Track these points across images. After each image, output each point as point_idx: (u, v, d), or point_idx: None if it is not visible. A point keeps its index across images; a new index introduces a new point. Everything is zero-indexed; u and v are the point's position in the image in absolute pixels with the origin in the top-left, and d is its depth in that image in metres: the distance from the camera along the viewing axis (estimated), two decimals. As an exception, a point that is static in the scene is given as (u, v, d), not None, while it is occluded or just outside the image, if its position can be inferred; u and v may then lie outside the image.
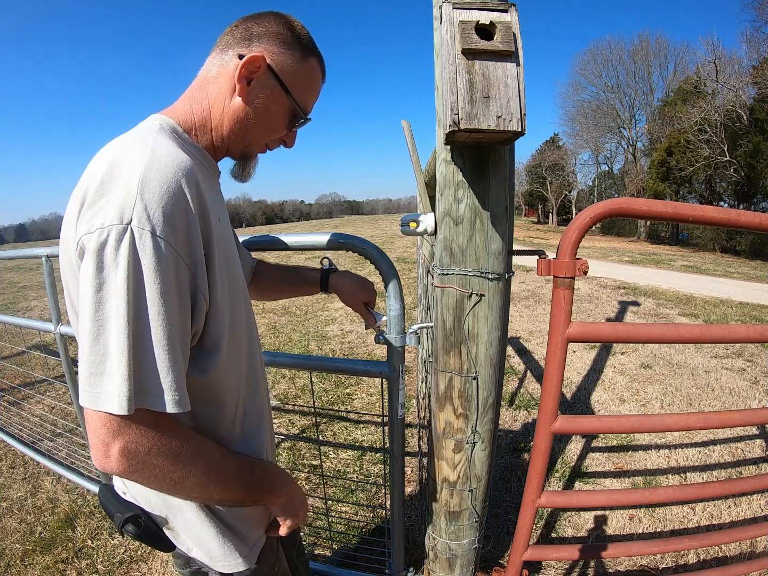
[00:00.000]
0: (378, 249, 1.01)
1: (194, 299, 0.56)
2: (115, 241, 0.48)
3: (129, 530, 0.65)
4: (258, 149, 0.73)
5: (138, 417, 0.51)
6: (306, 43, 0.68)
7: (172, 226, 0.51)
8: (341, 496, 1.96)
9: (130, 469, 0.52)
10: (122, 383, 0.48)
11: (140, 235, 0.48)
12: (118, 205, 0.49)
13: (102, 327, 0.49)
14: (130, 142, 0.57)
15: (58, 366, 3.31)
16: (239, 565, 0.70)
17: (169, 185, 0.52)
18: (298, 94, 0.69)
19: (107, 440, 0.50)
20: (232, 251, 0.68)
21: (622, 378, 3.20)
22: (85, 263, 0.49)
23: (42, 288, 7.13)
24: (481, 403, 0.99)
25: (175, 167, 0.54)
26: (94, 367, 0.49)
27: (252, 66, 0.63)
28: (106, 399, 0.49)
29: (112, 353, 0.49)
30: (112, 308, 0.48)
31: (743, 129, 19.25)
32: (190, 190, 0.54)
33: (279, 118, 0.69)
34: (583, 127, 32.23)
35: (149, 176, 0.51)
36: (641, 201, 0.86)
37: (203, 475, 0.58)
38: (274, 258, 6.10)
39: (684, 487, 1.15)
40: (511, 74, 0.70)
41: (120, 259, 0.48)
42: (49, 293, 1.74)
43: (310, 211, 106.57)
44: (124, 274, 0.48)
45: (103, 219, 0.49)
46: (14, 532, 1.75)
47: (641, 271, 8.18)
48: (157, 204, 0.50)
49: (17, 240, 77.35)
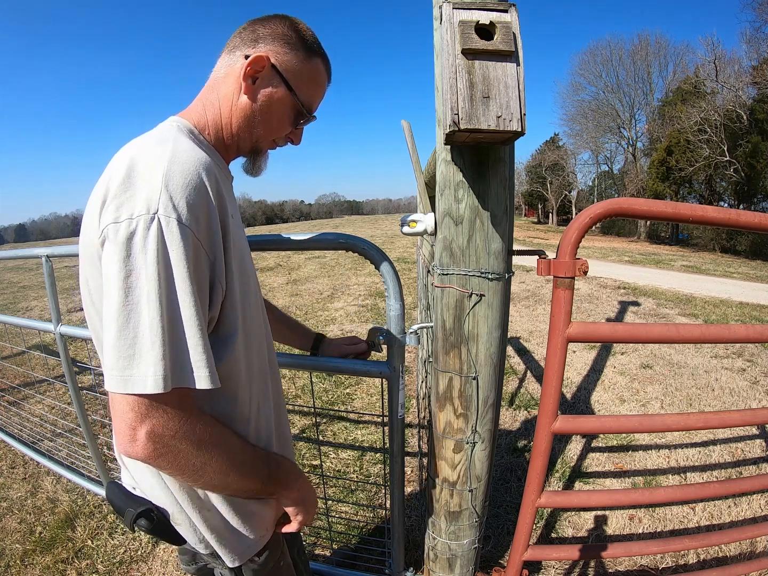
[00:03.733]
0: (378, 249, 1.01)
1: (212, 286, 0.58)
2: (144, 229, 0.50)
3: (142, 525, 0.66)
4: (266, 145, 0.75)
5: (166, 399, 0.52)
6: (310, 44, 0.70)
7: (195, 216, 0.53)
8: (341, 496, 1.96)
9: (156, 453, 0.53)
10: (157, 363, 0.50)
11: (167, 223, 0.51)
12: (145, 196, 0.51)
13: (132, 311, 0.50)
14: (152, 141, 0.60)
15: (58, 366, 3.31)
16: (247, 555, 0.72)
17: (192, 178, 0.55)
18: (302, 93, 0.71)
19: (134, 424, 0.51)
20: (246, 247, 0.71)
21: (622, 378, 3.20)
22: (111, 252, 0.51)
23: (42, 288, 7.13)
24: (481, 403, 0.99)
25: (196, 162, 0.57)
26: (125, 350, 0.50)
27: (257, 65, 0.66)
28: (139, 380, 0.50)
29: (144, 335, 0.50)
30: (142, 292, 0.50)
31: (743, 129, 19.24)
32: (210, 183, 0.57)
33: (284, 115, 0.72)
34: (583, 127, 32.25)
35: (173, 170, 0.54)
36: (641, 201, 0.86)
37: (223, 463, 0.59)
38: (274, 258, 6.11)
39: (684, 487, 1.15)
40: (511, 74, 0.70)
41: (149, 246, 0.50)
42: (49, 293, 1.73)
43: (310, 211, 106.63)
44: (153, 259, 0.50)
45: (131, 209, 0.51)
46: (14, 532, 1.75)
47: (641, 271, 8.18)
48: (181, 194, 0.52)
49: (17, 240, 77.42)
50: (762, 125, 18.40)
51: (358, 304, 5.40)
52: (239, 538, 0.71)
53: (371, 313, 5.00)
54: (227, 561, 0.72)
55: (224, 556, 0.71)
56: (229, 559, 0.71)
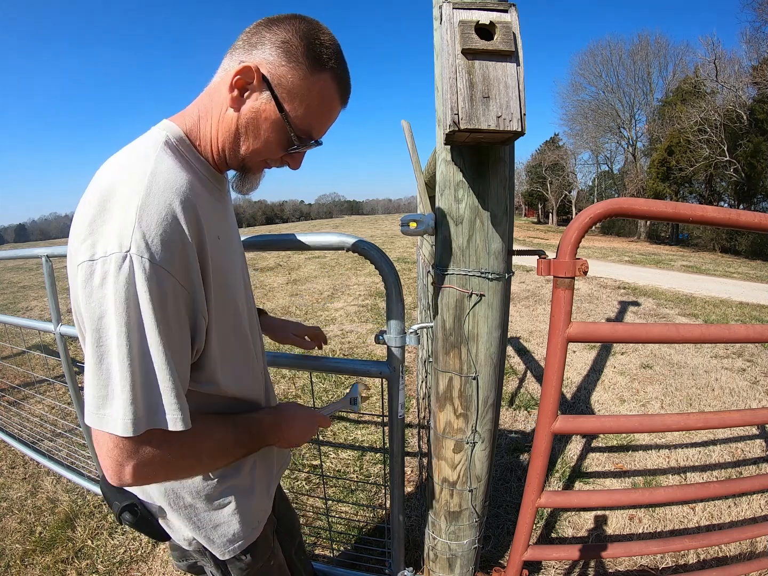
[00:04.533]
0: (378, 249, 1.01)
1: (194, 320, 0.57)
2: (116, 270, 0.49)
3: (126, 518, 0.69)
4: (256, 166, 0.67)
5: (148, 436, 0.53)
6: (319, 56, 0.59)
7: (169, 252, 0.52)
8: (341, 496, 1.96)
9: (146, 481, 0.56)
10: (127, 407, 0.50)
11: (139, 263, 0.49)
12: (117, 233, 0.50)
13: (105, 353, 0.50)
14: (134, 160, 0.57)
15: (58, 366, 3.31)
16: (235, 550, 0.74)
17: (167, 212, 0.52)
18: (297, 114, 0.60)
19: (121, 460, 0.52)
20: (232, 263, 0.68)
21: (622, 378, 3.20)
22: (87, 290, 0.50)
23: (42, 288, 7.13)
24: (481, 403, 0.99)
25: (174, 192, 0.54)
26: (98, 390, 0.51)
27: (246, 76, 0.58)
28: (111, 421, 0.51)
29: (115, 378, 0.50)
30: (113, 334, 0.50)
31: (743, 129, 19.24)
32: (186, 215, 0.54)
33: (271, 137, 0.62)
34: (583, 127, 32.23)
35: (147, 202, 0.51)
36: (641, 201, 0.86)
37: (210, 458, 0.62)
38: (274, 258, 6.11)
39: (684, 487, 1.15)
40: (511, 74, 0.70)
41: (119, 287, 0.49)
42: (49, 293, 1.74)
43: (310, 211, 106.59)
44: (123, 302, 0.49)
45: (105, 246, 0.50)
46: (14, 532, 1.75)
47: (641, 271, 8.18)
48: (155, 231, 0.51)
49: (17, 240, 77.42)
50: (762, 125, 18.40)
51: (358, 304, 5.40)
52: (227, 533, 0.72)
53: (371, 313, 5.00)
54: (217, 554, 0.73)
55: (213, 550, 0.73)
56: (219, 552, 0.73)
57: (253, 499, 0.75)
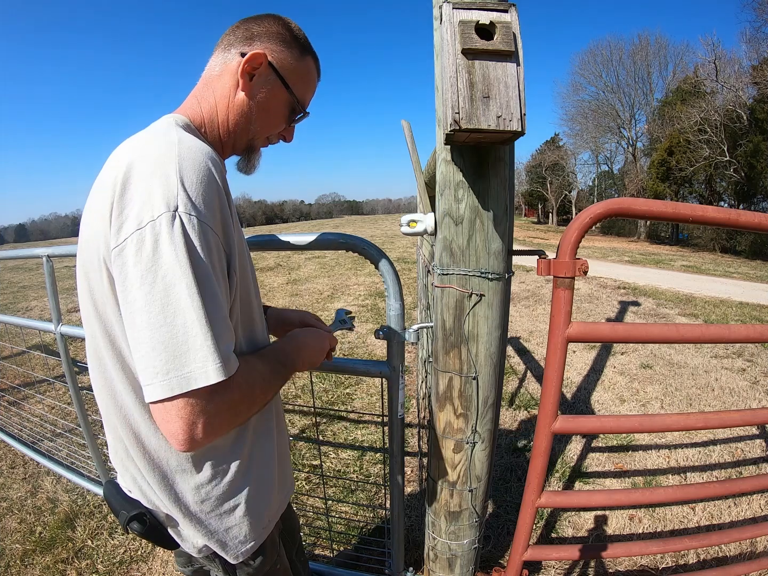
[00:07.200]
0: (378, 249, 1.01)
1: (229, 276, 0.60)
2: (168, 227, 0.50)
3: (134, 528, 0.67)
4: (261, 142, 0.77)
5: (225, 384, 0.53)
6: (303, 43, 0.72)
7: (211, 211, 0.55)
8: (341, 496, 1.96)
9: (215, 435, 0.55)
10: (213, 352, 0.51)
11: (188, 220, 0.51)
12: (162, 194, 0.51)
13: (177, 310, 0.50)
14: (154, 136, 0.60)
15: (58, 366, 3.31)
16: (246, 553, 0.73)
17: (204, 172, 0.56)
18: (297, 90, 0.73)
19: (193, 418, 0.51)
20: (243, 238, 0.72)
21: (622, 378, 3.20)
22: (141, 256, 0.50)
23: (42, 288, 7.13)
24: (481, 403, 0.99)
25: (204, 154, 0.58)
26: (173, 351, 0.50)
27: (254, 62, 0.67)
28: (197, 376, 0.50)
29: (193, 329, 0.51)
30: (182, 290, 0.50)
31: (743, 129, 19.25)
32: (219, 176, 0.58)
33: (279, 111, 0.73)
34: (583, 127, 32.24)
35: (184, 165, 0.54)
36: (641, 201, 0.86)
37: (261, 392, 0.63)
38: (274, 258, 6.11)
39: (684, 487, 1.15)
40: (511, 74, 0.70)
41: (177, 243, 0.50)
42: (49, 293, 1.73)
43: (310, 211, 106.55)
44: (185, 255, 0.51)
45: (151, 211, 0.51)
46: (14, 532, 1.75)
47: (641, 271, 8.18)
48: (197, 191, 0.53)
49: (17, 240, 77.38)
50: (762, 125, 18.40)
51: (358, 304, 5.40)
52: (239, 534, 0.71)
53: (371, 313, 5.00)
54: (229, 558, 0.72)
55: (226, 554, 0.71)
56: (232, 556, 0.72)
57: (263, 496, 0.75)
